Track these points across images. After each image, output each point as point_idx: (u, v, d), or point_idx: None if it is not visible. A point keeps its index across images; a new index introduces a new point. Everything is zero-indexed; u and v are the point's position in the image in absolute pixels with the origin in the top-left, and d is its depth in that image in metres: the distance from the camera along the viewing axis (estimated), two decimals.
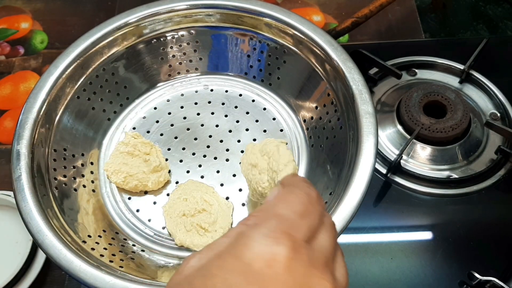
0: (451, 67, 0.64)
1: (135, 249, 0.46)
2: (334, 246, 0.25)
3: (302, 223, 0.24)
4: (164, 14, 0.52)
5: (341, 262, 0.26)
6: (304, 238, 0.24)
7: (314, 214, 0.25)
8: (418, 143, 0.57)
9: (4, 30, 0.77)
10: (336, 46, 0.48)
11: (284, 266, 0.22)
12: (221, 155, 0.51)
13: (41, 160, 0.45)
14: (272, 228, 0.23)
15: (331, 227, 0.26)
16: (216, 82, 0.57)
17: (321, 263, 0.23)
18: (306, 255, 0.23)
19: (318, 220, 0.25)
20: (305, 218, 0.24)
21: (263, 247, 0.22)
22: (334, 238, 0.26)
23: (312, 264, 0.23)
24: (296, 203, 0.25)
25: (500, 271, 0.49)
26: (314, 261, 0.23)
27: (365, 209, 0.53)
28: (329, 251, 0.24)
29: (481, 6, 0.76)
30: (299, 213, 0.24)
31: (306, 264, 0.22)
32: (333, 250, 0.25)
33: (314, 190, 0.27)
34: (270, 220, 0.24)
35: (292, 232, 0.23)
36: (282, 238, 0.22)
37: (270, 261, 0.22)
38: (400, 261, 0.51)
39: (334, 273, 0.24)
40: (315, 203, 0.26)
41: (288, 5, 0.78)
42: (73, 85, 0.50)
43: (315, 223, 0.25)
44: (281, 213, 0.24)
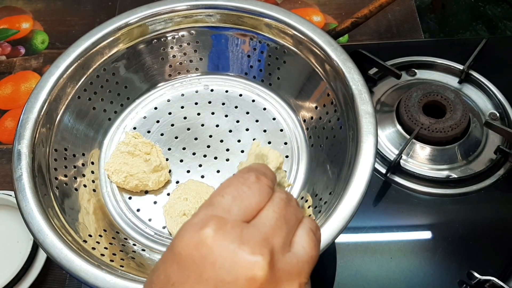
0: (450, 67, 0.64)
1: (136, 248, 0.46)
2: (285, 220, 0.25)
3: (235, 205, 0.24)
4: (165, 15, 0.53)
5: (304, 235, 0.25)
6: (236, 218, 0.24)
7: (252, 194, 0.25)
8: (417, 143, 0.57)
9: (5, 30, 0.77)
10: (336, 46, 0.48)
11: (210, 246, 0.22)
12: (222, 155, 0.52)
13: (42, 160, 0.45)
14: (201, 216, 0.24)
15: (282, 202, 0.25)
16: (217, 82, 0.57)
17: (257, 239, 0.23)
18: (235, 233, 0.23)
19: (258, 198, 0.25)
20: (238, 200, 0.24)
21: (191, 233, 0.23)
22: (280, 214, 0.25)
23: (243, 241, 0.22)
24: (230, 188, 0.25)
25: (499, 270, 0.49)
26: (247, 238, 0.23)
27: (364, 208, 0.53)
28: (271, 226, 0.24)
29: (481, 6, 0.76)
30: (232, 195, 0.24)
31: (235, 242, 0.22)
32: (284, 224, 0.24)
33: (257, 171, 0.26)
34: (202, 209, 0.24)
35: (221, 214, 0.23)
36: (209, 221, 0.23)
37: (197, 244, 0.22)
38: (399, 260, 0.51)
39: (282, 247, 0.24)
40: (254, 183, 0.25)
41: (288, 5, 0.78)
42: (74, 85, 0.50)
43: (253, 201, 0.24)
44: (213, 200, 0.25)
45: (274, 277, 0.22)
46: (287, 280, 0.23)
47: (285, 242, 0.24)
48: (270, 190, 0.26)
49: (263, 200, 0.25)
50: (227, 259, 0.22)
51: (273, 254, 0.23)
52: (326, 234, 0.38)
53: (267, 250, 0.22)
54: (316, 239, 0.26)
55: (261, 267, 0.22)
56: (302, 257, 0.24)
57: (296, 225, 0.25)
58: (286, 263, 0.23)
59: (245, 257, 0.22)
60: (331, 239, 0.37)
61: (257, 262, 0.22)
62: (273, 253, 0.23)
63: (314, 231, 0.26)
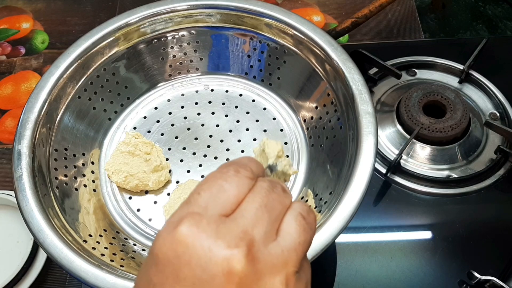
0: (450, 67, 0.64)
1: (136, 248, 0.46)
2: (267, 209, 0.23)
3: (213, 200, 0.23)
4: (165, 14, 0.53)
5: (291, 220, 0.24)
6: (214, 213, 0.23)
7: (230, 187, 0.24)
8: (417, 143, 0.57)
9: (5, 30, 0.77)
10: (336, 46, 0.48)
11: (185, 245, 0.21)
12: (222, 155, 0.52)
13: (42, 160, 0.45)
14: (177, 215, 0.23)
15: (263, 190, 0.24)
16: (217, 82, 0.57)
17: (234, 233, 0.22)
18: (211, 229, 0.22)
19: (237, 190, 0.24)
20: (216, 195, 0.23)
21: (166, 233, 0.22)
22: (262, 203, 0.23)
23: (219, 235, 0.22)
24: (207, 184, 0.24)
25: (499, 270, 0.49)
26: (223, 232, 0.22)
27: (365, 208, 0.53)
28: (251, 217, 0.23)
29: (481, 6, 0.76)
30: (209, 191, 0.24)
31: (210, 238, 0.21)
32: (266, 213, 0.23)
33: (236, 164, 0.25)
34: (179, 209, 0.24)
35: (198, 211, 0.23)
36: (184, 220, 0.22)
37: (172, 244, 0.22)
38: (399, 260, 0.51)
39: (265, 237, 0.23)
40: (232, 176, 0.24)
41: (288, 5, 0.78)
42: (74, 85, 0.50)
43: (231, 194, 0.23)
44: (190, 199, 0.24)
45: (255, 269, 0.22)
46: (270, 272, 0.22)
47: (267, 231, 0.23)
48: (250, 181, 0.24)
49: (243, 192, 0.24)
50: (202, 256, 0.21)
51: (252, 245, 0.22)
52: (326, 234, 0.38)
53: (244, 243, 0.22)
54: (306, 223, 0.24)
55: (238, 260, 0.21)
56: (289, 245, 0.23)
57: (283, 212, 0.24)
58: (269, 254, 0.22)
59: (220, 252, 0.21)
60: (331, 239, 0.37)
61: (233, 256, 0.21)
62: (253, 244, 0.22)
63: (304, 215, 0.25)
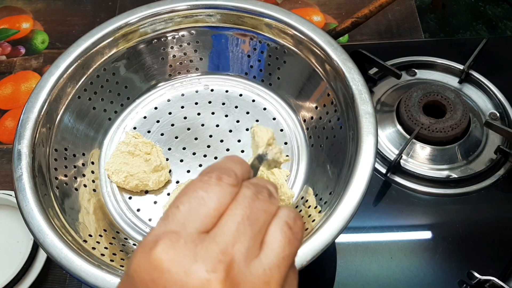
0: (450, 67, 0.64)
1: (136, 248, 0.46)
2: (250, 220, 0.22)
3: (192, 216, 0.22)
4: (165, 14, 0.53)
5: (276, 231, 0.22)
6: (193, 231, 0.21)
7: (210, 198, 0.22)
8: (417, 143, 0.57)
9: (5, 30, 0.77)
10: (336, 46, 0.48)
11: (160, 268, 0.20)
12: (222, 155, 0.52)
13: (42, 160, 0.45)
14: (155, 233, 0.21)
15: (247, 199, 0.22)
16: (217, 82, 0.57)
17: (212, 253, 0.20)
18: (188, 249, 0.20)
19: (217, 202, 0.22)
20: (196, 209, 0.22)
21: (141, 254, 0.21)
22: (244, 215, 0.22)
23: (197, 257, 0.20)
24: (186, 195, 0.22)
25: (499, 270, 0.49)
26: (201, 253, 0.20)
27: (364, 208, 0.53)
28: (232, 233, 0.21)
29: (481, 6, 0.76)
30: (189, 204, 0.22)
31: (187, 260, 0.20)
32: (250, 225, 0.22)
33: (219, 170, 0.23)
34: (157, 225, 0.22)
35: (175, 228, 0.21)
36: (161, 239, 0.21)
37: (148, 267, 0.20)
38: (399, 260, 0.51)
39: (246, 254, 0.21)
40: (213, 185, 0.22)
41: (288, 5, 0.78)
42: (74, 85, 0.50)
43: (212, 206, 0.22)
44: (168, 213, 0.22)
45: None
46: None
47: (249, 248, 0.21)
48: (233, 189, 0.23)
49: (224, 202, 0.22)
50: (178, 281, 0.20)
51: (231, 267, 0.20)
52: (326, 234, 0.38)
53: (223, 265, 0.20)
54: (292, 234, 0.22)
55: (216, 285, 0.20)
56: (271, 262, 0.21)
57: (268, 220, 0.23)
58: (250, 275, 0.21)
59: (197, 276, 0.20)
60: (331, 239, 0.37)
61: (210, 281, 0.20)
62: (232, 266, 0.20)
63: (290, 224, 0.23)
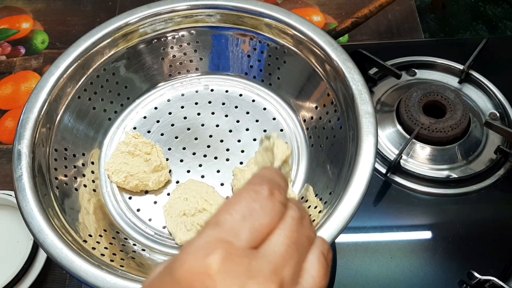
0: (450, 67, 0.64)
1: (136, 248, 0.46)
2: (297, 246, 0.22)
3: (245, 227, 0.21)
4: (165, 14, 0.53)
5: (315, 261, 0.23)
6: (245, 244, 0.21)
7: (264, 213, 0.22)
8: (417, 143, 0.57)
9: (5, 30, 0.77)
10: (336, 46, 0.48)
11: (215, 279, 0.19)
12: (222, 155, 0.52)
13: (42, 160, 0.45)
14: (207, 238, 0.21)
15: (295, 222, 0.23)
16: (217, 82, 0.57)
17: (265, 272, 0.20)
18: (243, 264, 0.20)
19: (270, 219, 0.22)
20: (249, 220, 0.21)
21: (195, 260, 0.20)
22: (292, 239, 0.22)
23: (251, 274, 0.20)
24: (240, 205, 0.22)
25: (499, 270, 0.49)
26: (256, 270, 0.20)
27: (365, 208, 0.53)
28: (282, 255, 0.21)
29: (481, 6, 0.76)
30: (242, 215, 0.21)
31: (242, 275, 0.20)
32: (296, 251, 0.22)
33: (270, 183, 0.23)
34: (208, 229, 0.21)
35: (229, 238, 0.21)
36: (216, 247, 0.20)
37: (200, 274, 0.20)
38: (399, 260, 0.51)
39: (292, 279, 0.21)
40: (266, 199, 0.22)
41: (288, 5, 0.78)
42: (74, 85, 0.50)
43: (264, 222, 0.22)
44: (220, 219, 0.22)
45: None
46: None
47: (295, 272, 0.21)
48: (283, 208, 0.23)
49: (275, 220, 0.22)
50: None
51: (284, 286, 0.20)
52: (326, 234, 0.38)
53: (274, 286, 0.20)
54: (327, 265, 0.23)
55: None
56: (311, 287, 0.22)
57: (308, 248, 0.23)
58: None
59: None
60: (331, 239, 0.37)
61: None
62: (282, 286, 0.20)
63: (325, 254, 0.23)
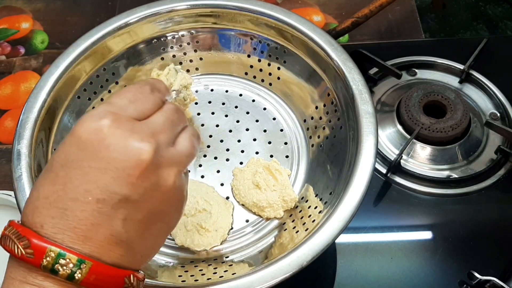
0: (451, 67, 0.64)
1: None
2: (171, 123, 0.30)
3: (131, 106, 0.29)
4: (165, 14, 0.53)
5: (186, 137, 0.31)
6: (130, 116, 0.28)
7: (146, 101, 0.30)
8: (418, 143, 0.57)
9: (5, 30, 0.77)
10: (336, 46, 0.48)
11: (106, 133, 0.27)
12: (221, 155, 0.52)
13: (42, 160, 0.45)
14: (100, 110, 0.28)
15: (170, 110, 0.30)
16: (217, 82, 0.57)
17: (146, 132, 0.28)
18: (128, 125, 0.27)
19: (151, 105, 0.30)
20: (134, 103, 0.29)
21: (90, 122, 0.27)
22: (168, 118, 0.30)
23: (134, 131, 0.27)
24: (129, 93, 0.30)
25: (500, 270, 0.49)
26: (137, 130, 0.27)
27: (365, 208, 0.53)
28: (159, 126, 0.29)
29: (481, 6, 0.76)
30: (128, 99, 0.29)
31: (127, 131, 0.27)
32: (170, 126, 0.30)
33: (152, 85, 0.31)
34: (101, 106, 0.28)
35: (117, 111, 0.28)
36: (107, 115, 0.27)
37: (95, 130, 0.27)
38: (400, 260, 0.51)
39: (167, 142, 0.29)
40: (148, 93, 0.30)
41: (288, 5, 0.78)
42: (73, 85, 0.50)
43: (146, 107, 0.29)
44: (112, 100, 0.29)
45: (157, 161, 0.27)
46: (168, 166, 0.28)
47: (169, 139, 0.29)
48: (160, 102, 0.31)
49: (155, 108, 0.30)
50: (120, 143, 0.26)
51: (158, 145, 0.28)
52: (326, 234, 0.38)
53: (153, 141, 0.27)
54: (195, 141, 0.31)
55: (147, 152, 0.27)
56: (182, 152, 0.30)
57: (180, 129, 0.31)
58: (169, 153, 0.29)
59: (135, 143, 0.27)
60: (331, 239, 0.37)
61: (144, 148, 0.27)
62: (158, 144, 0.28)
63: (194, 136, 0.31)
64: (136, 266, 0.29)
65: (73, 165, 0.27)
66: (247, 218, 0.48)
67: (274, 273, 0.36)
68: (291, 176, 0.50)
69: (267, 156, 0.51)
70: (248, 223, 0.48)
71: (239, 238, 0.47)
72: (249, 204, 0.48)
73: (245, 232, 0.47)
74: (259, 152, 0.52)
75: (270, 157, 0.51)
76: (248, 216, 0.48)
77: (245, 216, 0.48)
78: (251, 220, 0.48)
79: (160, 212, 0.29)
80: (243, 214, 0.48)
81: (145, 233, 0.28)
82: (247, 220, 0.48)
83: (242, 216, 0.48)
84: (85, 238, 0.26)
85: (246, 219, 0.48)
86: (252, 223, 0.48)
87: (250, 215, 0.48)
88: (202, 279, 0.42)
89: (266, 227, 0.47)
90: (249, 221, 0.48)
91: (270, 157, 0.51)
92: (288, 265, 0.36)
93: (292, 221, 0.46)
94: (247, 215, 0.48)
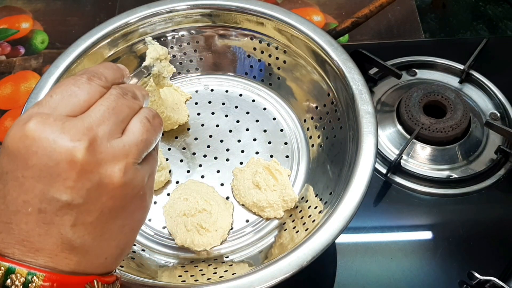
0: (451, 67, 0.64)
1: (136, 248, 0.46)
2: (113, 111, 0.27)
3: (62, 102, 0.26)
4: (165, 14, 0.53)
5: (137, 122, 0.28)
6: (61, 113, 0.26)
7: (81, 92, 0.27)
8: (418, 143, 0.57)
9: (5, 30, 0.77)
10: (336, 46, 0.48)
11: (32, 138, 0.25)
12: (221, 155, 0.52)
13: None
14: (26, 114, 0.26)
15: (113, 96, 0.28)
16: (217, 82, 0.57)
17: (78, 129, 0.25)
18: (57, 125, 0.25)
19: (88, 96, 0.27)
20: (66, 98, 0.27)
21: (15, 129, 0.26)
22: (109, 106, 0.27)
23: (64, 131, 0.25)
24: (60, 88, 0.27)
25: (500, 270, 0.49)
26: (68, 128, 0.25)
27: (365, 209, 0.53)
28: (97, 118, 0.26)
29: (481, 6, 0.76)
30: (60, 95, 0.27)
31: (55, 132, 0.25)
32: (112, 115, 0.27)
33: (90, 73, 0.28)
34: (30, 108, 0.27)
35: (46, 111, 0.26)
36: (32, 118, 0.25)
37: (21, 137, 0.25)
38: (400, 260, 0.51)
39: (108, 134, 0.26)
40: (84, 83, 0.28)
41: (288, 5, 0.78)
42: None
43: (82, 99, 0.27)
44: (42, 100, 0.27)
45: (95, 159, 0.25)
46: (111, 161, 0.26)
47: (112, 130, 0.27)
48: (102, 89, 0.28)
49: (93, 98, 0.27)
50: (48, 147, 0.25)
51: (95, 140, 0.26)
52: (326, 234, 0.38)
53: (87, 137, 0.25)
54: (150, 125, 0.29)
55: (79, 150, 0.25)
56: (131, 141, 0.27)
57: (131, 115, 0.28)
58: (111, 147, 0.26)
59: (64, 144, 0.25)
60: (331, 239, 0.37)
61: (75, 147, 0.25)
62: (95, 139, 0.26)
63: (149, 118, 0.29)
64: (102, 269, 0.28)
65: (8, 177, 0.25)
66: (247, 218, 0.48)
67: (274, 273, 0.36)
68: (291, 176, 0.50)
69: (267, 156, 0.51)
70: (248, 223, 0.48)
71: (239, 238, 0.47)
72: (249, 204, 0.48)
73: (245, 232, 0.47)
74: (259, 152, 0.52)
75: (270, 157, 0.51)
76: (248, 216, 0.48)
77: (245, 216, 0.48)
78: (251, 220, 0.48)
79: (116, 210, 0.27)
80: (243, 214, 0.48)
81: (103, 235, 0.27)
82: (247, 220, 0.48)
83: (242, 216, 0.48)
84: (36, 250, 0.25)
85: (246, 219, 0.48)
86: (252, 223, 0.48)
87: (250, 215, 0.48)
88: (202, 279, 0.42)
89: (266, 227, 0.47)
90: (249, 221, 0.48)
91: (270, 157, 0.51)
92: (288, 265, 0.36)
93: (292, 221, 0.46)
94: (247, 215, 0.48)
